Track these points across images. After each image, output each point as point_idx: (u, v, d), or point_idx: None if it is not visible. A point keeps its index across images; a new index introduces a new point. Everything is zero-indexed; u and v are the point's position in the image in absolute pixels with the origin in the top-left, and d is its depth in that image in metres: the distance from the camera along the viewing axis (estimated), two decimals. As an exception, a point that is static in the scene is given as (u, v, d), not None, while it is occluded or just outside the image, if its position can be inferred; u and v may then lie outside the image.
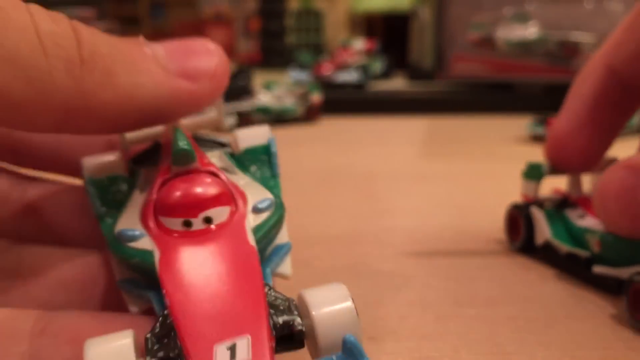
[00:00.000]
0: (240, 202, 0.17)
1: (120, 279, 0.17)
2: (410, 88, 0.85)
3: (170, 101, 0.17)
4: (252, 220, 0.17)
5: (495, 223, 0.31)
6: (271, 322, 0.14)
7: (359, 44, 0.92)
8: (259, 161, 0.20)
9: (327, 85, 0.74)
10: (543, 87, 0.74)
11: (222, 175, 0.18)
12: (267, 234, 0.17)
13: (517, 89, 0.75)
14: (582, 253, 0.24)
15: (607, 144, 0.26)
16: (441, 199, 0.38)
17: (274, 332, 0.14)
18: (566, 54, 0.73)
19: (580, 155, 0.26)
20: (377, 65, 0.92)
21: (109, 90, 0.16)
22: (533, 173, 0.28)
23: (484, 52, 0.76)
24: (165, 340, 0.14)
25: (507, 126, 0.63)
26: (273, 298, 0.15)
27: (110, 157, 0.20)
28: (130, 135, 0.20)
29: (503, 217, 0.29)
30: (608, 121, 0.25)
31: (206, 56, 0.18)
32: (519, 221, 0.27)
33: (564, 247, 0.25)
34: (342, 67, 0.81)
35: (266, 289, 0.15)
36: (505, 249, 0.28)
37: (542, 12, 0.75)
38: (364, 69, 0.82)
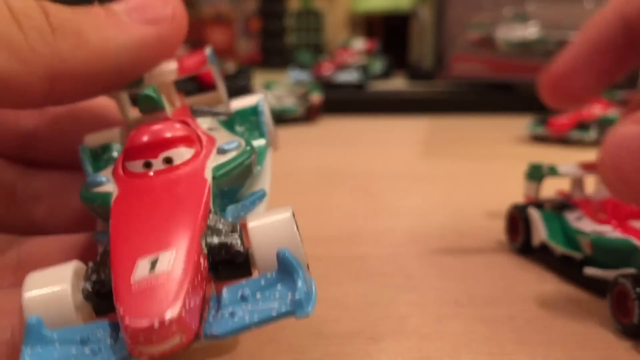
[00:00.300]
0: (206, 145, 0.18)
1: (97, 231, 0.18)
2: (410, 88, 0.85)
3: (140, 48, 0.19)
4: (214, 161, 0.17)
5: (495, 223, 0.31)
6: (204, 242, 0.14)
7: (359, 44, 0.92)
8: (248, 122, 0.21)
9: (327, 85, 0.74)
10: (543, 87, 0.74)
11: (191, 122, 0.18)
12: (228, 172, 0.17)
13: (517, 89, 0.75)
14: (576, 255, 0.24)
15: (600, 89, 0.26)
16: (441, 199, 0.38)
17: (205, 250, 0.14)
18: (566, 54, 0.73)
19: (571, 97, 0.26)
20: (377, 65, 0.92)
21: (82, 49, 0.17)
22: (534, 174, 0.28)
23: (484, 52, 0.76)
24: (101, 266, 0.15)
25: (507, 126, 0.63)
26: (214, 222, 0.15)
27: (108, 131, 0.21)
28: (136, 117, 0.21)
29: (503, 217, 0.29)
30: (607, 68, 0.25)
31: (162, 4, 0.19)
32: (518, 222, 0.28)
33: (559, 248, 0.25)
34: (342, 67, 0.81)
35: (210, 215, 0.15)
36: (506, 249, 0.28)
37: (542, 12, 0.75)
38: (364, 69, 0.82)
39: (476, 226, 0.32)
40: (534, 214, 0.26)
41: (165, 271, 0.13)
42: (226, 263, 0.15)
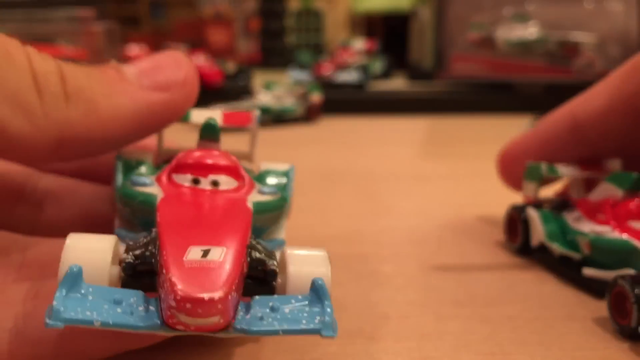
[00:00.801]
0: (247, 182, 0.19)
1: (117, 228, 0.19)
2: (410, 88, 0.85)
3: (148, 114, 0.19)
4: (255, 198, 0.19)
5: (495, 223, 0.31)
6: (248, 255, 0.16)
7: (359, 44, 0.92)
8: (276, 182, 0.22)
9: (327, 85, 0.74)
10: (543, 87, 0.74)
11: (238, 161, 0.20)
12: (265, 209, 0.18)
13: (517, 89, 0.75)
14: (575, 255, 0.24)
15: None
16: (441, 199, 0.38)
17: (248, 260, 0.16)
18: (566, 54, 0.73)
19: (519, 177, 0.29)
20: (377, 65, 0.92)
21: (92, 117, 0.18)
22: (533, 174, 0.28)
23: (484, 52, 0.76)
24: (145, 244, 0.16)
25: (507, 126, 0.63)
26: (255, 243, 0.17)
27: (143, 151, 0.22)
28: (167, 147, 0.22)
29: (503, 217, 0.29)
30: (552, 157, 0.28)
31: (175, 68, 0.20)
32: (517, 223, 0.27)
33: (558, 249, 0.25)
34: (342, 67, 0.81)
35: (251, 238, 0.16)
36: (505, 249, 0.28)
37: (542, 12, 0.75)
38: (364, 69, 0.82)
39: (476, 226, 0.32)
40: (533, 215, 0.26)
41: (217, 259, 0.14)
42: (256, 279, 0.16)
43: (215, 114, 0.22)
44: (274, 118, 0.64)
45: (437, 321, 0.21)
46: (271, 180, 0.22)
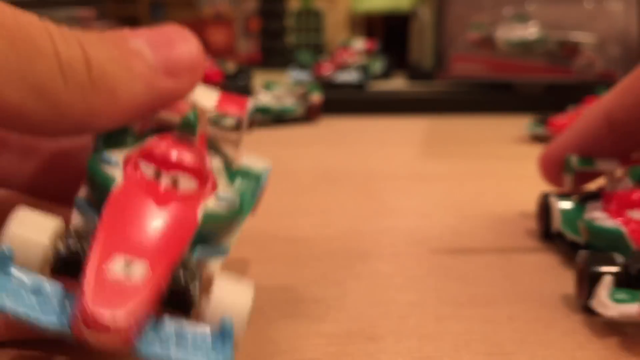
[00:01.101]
0: (209, 185, 0.19)
1: (79, 196, 0.18)
2: (410, 88, 0.85)
3: (159, 100, 0.19)
4: (209, 204, 0.18)
5: (494, 223, 0.31)
6: (172, 275, 0.16)
7: (359, 44, 0.92)
8: (247, 183, 0.22)
9: (327, 85, 0.74)
10: (543, 87, 0.74)
11: (207, 159, 0.19)
12: (214, 221, 0.18)
13: (517, 89, 0.75)
14: (581, 241, 0.25)
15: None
16: (441, 199, 0.38)
17: (171, 279, 0.16)
18: (566, 54, 0.73)
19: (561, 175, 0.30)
20: (377, 65, 0.92)
21: (112, 106, 0.17)
22: (567, 166, 0.29)
23: (484, 52, 0.76)
24: (82, 235, 0.16)
25: (507, 126, 0.63)
26: (187, 261, 0.16)
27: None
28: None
29: (502, 217, 0.29)
30: (591, 154, 0.29)
31: (185, 44, 0.19)
32: (542, 209, 0.29)
33: (569, 235, 0.26)
34: (342, 67, 0.81)
35: (186, 255, 0.16)
36: (505, 249, 0.28)
37: (542, 12, 0.75)
38: (364, 69, 0.82)
39: (476, 226, 0.32)
40: (553, 202, 0.28)
41: (136, 276, 0.15)
42: (174, 300, 0.16)
43: (212, 95, 0.22)
44: (274, 118, 0.64)
45: (437, 321, 0.21)
46: (237, 184, 0.21)
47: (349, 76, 0.78)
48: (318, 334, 0.20)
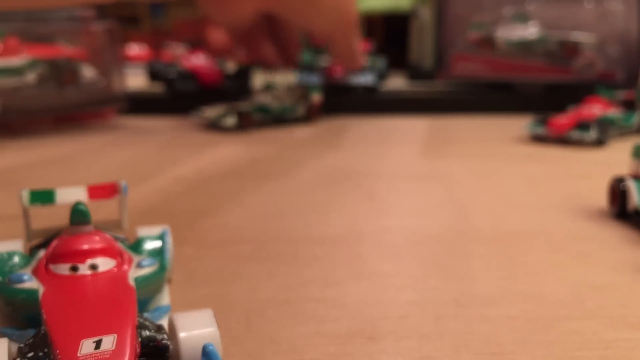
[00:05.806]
0: (126, 259, 0.20)
1: (2, 326, 0.19)
2: (410, 88, 0.85)
3: None
4: (134, 273, 0.20)
5: (494, 223, 0.31)
6: (138, 335, 0.16)
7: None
8: (152, 248, 0.23)
9: (340, 89, 0.73)
10: (543, 87, 0.74)
11: (113, 240, 0.21)
12: (147, 282, 0.20)
13: (517, 89, 0.75)
14: None
15: None
16: (441, 199, 0.38)
17: (139, 340, 0.16)
18: (566, 54, 0.73)
19: None
20: (377, 65, 0.92)
21: None
22: (635, 152, 0.32)
23: (484, 52, 0.76)
24: (37, 346, 0.16)
25: (507, 126, 0.63)
26: (143, 320, 0.17)
27: (10, 242, 0.23)
28: (36, 228, 0.23)
29: (502, 217, 0.29)
30: None
31: None
32: (616, 191, 0.32)
33: None
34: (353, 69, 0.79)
35: (138, 316, 0.17)
36: (505, 249, 0.28)
37: (542, 12, 0.75)
38: (378, 70, 0.81)
39: (476, 226, 0.32)
40: (630, 184, 0.31)
41: (109, 349, 0.15)
42: (150, 355, 0.17)
43: (78, 192, 0.23)
44: (274, 118, 0.64)
45: (437, 321, 0.21)
46: (147, 246, 0.23)
47: (364, 79, 0.77)
48: (318, 334, 0.20)
